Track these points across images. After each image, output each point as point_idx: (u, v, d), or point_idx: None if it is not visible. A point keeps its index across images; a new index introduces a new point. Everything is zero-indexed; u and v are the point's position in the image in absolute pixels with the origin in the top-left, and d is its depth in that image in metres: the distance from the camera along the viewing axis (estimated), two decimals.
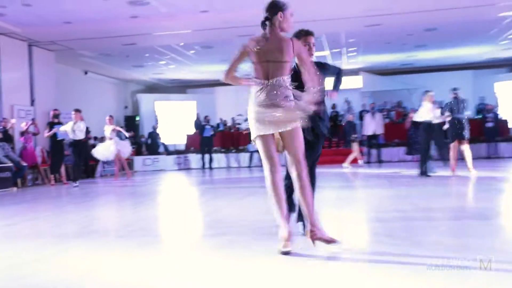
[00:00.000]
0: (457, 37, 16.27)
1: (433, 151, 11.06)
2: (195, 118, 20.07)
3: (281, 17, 3.88)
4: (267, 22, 3.90)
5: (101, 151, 13.37)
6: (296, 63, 4.27)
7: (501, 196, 7.56)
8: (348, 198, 7.69)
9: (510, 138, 17.24)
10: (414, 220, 5.13)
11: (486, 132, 16.64)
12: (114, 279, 3.32)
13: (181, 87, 23.96)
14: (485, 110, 17.41)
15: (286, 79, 3.84)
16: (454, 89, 10.44)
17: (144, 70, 20.09)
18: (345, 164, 14.06)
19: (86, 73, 18.79)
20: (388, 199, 7.30)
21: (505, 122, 17.89)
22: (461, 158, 10.32)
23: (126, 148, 14.06)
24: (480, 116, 17.84)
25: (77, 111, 11.66)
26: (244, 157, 18.21)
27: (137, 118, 21.90)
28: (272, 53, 3.84)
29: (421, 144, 10.57)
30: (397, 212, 5.73)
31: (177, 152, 19.60)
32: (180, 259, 3.88)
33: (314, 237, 3.76)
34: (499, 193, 7.86)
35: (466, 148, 10.04)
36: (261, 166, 14.38)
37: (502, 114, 18.52)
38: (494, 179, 9.57)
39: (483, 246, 3.77)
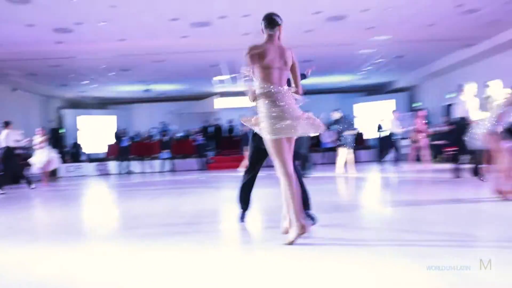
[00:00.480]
0: (327, 67, 17.08)
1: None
2: (115, 130, 19.47)
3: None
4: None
5: (37, 162, 12.39)
6: None
7: (359, 192, 8.01)
8: None
9: (365, 146, 18.38)
10: None
11: None
12: (42, 272, 3.10)
13: (103, 103, 23.03)
14: None
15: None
16: (336, 109, 11.34)
17: (69, 88, 19.05)
18: (240, 169, 14.19)
19: (14, 90, 17.42)
20: (273, 195, 7.46)
21: (362, 134, 19.01)
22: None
23: (56, 160, 13.16)
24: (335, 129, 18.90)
25: (7, 123, 10.82)
26: (156, 163, 17.83)
27: (61, 131, 20.70)
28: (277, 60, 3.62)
29: (302, 151, 10.97)
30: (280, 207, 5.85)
31: (98, 160, 18.76)
32: (101, 252, 3.70)
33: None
34: (358, 189, 8.34)
35: (349, 154, 11.15)
36: (172, 171, 13.86)
37: (359, 128, 19.68)
38: (355, 178, 10.11)
39: (349, 233, 3.96)
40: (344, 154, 11.11)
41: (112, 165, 17.89)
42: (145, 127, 20.94)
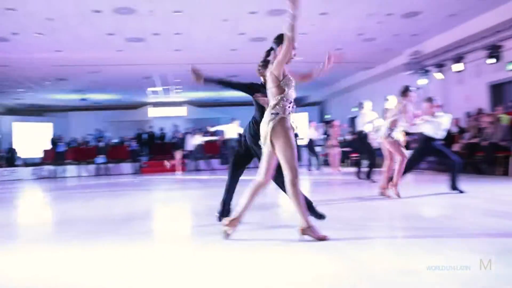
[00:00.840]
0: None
1: None
2: (51, 136, 18.32)
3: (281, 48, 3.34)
4: (271, 52, 3.45)
5: None
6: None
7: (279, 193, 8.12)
8: (174, 197, 7.61)
9: None
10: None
11: None
12: None
13: (39, 110, 21.52)
14: None
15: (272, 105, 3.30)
16: None
17: (4, 95, 17.61)
18: (177, 172, 14.00)
19: None
20: (203, 197, 7.39)
21: None
22: None
23: None
24: None
25: None
26: (92, 168, 16.95)
27: None
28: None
29: (232, 155, 11.01)
30: (208, 209, 5.80)
31: (34, 164, 17.45)
32: (36, 253, 3.42)
33: (304, 233, 3.26)
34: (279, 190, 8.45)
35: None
36: (107, 175, 13.17)
37: None
38: None
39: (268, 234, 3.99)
40: None
41: (48, 169, 16.74)
42: (81, 134, 19.85)
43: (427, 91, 12.53)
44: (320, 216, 3.87)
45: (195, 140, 13.78)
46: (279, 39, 3.40)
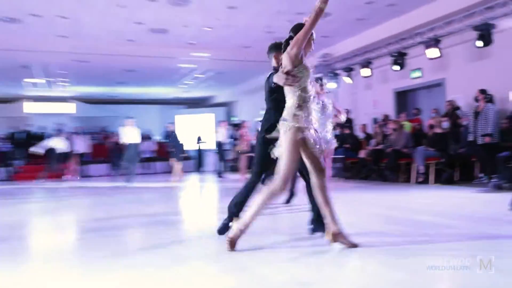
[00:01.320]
0: (150, 79, 16.79)
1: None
2: None
3: None
4: (290, 42, 3.35)
5: None
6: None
7: (179, 202, 7.91)
8: (59, 208, 6.99)
9: (186, 157, 18.39)
10: (108, 230, 4.90)
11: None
12: None
13: None
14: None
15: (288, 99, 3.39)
16: (171, 122, 11.65)
17: None
18: (67, 176, 13.07)
19: None
20: (88, 207, 6.91)
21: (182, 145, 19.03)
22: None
23: None
24: (167, 141, 18.55)
25: None
26: None
27: None
28: None
29: (126, 159, 10.51)
30: (94, 220, 5.41)
31: None
32: None
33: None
34: (179, 199, 8.24)
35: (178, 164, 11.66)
36: (7, 180, 11.61)
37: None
38: (180, 187, 10.03)
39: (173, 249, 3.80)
40: (175, 164, 11.56)
41: None
42: None
43: (336, 95, 13.22)
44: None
45: (52, 143, 12.78)
46: (299, 28, 3.30)
